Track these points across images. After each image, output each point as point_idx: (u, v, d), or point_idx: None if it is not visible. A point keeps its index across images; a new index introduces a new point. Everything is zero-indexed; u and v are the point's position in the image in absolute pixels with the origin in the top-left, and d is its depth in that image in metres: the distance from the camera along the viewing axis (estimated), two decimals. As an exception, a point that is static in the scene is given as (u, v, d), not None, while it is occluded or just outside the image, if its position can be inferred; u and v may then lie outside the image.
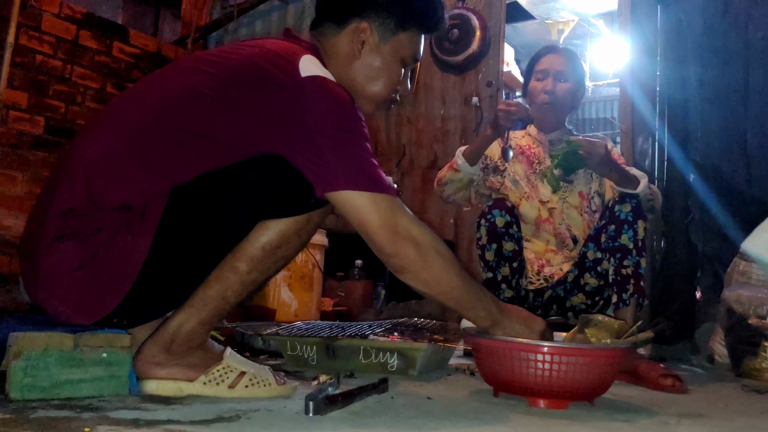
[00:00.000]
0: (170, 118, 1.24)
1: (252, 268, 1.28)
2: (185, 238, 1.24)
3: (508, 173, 2.36)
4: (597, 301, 2.25)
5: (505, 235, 2.10)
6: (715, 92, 3.03)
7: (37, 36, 3.82)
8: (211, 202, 1.24)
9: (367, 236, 1.28)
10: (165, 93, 1.29)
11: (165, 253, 1.22)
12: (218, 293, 1.28)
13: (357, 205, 1.24)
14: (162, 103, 1.27)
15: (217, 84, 1.25)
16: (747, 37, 2.96)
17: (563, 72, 2.33)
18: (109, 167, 1.22)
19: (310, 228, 1.33)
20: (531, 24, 5.98)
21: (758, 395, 1.83)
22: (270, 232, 1.27)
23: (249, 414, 1.16)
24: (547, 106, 2.34)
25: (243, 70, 1.26)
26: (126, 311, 1.26)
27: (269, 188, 1.26)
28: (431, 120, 4.31)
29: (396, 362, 1.75)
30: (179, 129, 1.23)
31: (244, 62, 1.27)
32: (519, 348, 1.37)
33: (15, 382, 1.14)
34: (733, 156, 2.96)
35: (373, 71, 1.44)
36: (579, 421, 1.29)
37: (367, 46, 1.42)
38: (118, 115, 1.31)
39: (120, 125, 1.27)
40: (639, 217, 2.01)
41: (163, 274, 1.24)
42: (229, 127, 1.23)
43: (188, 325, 1.28)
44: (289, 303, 2.93)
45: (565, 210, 2.33)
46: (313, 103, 1.23)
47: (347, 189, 1.23)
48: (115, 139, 1.25)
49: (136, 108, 1.29)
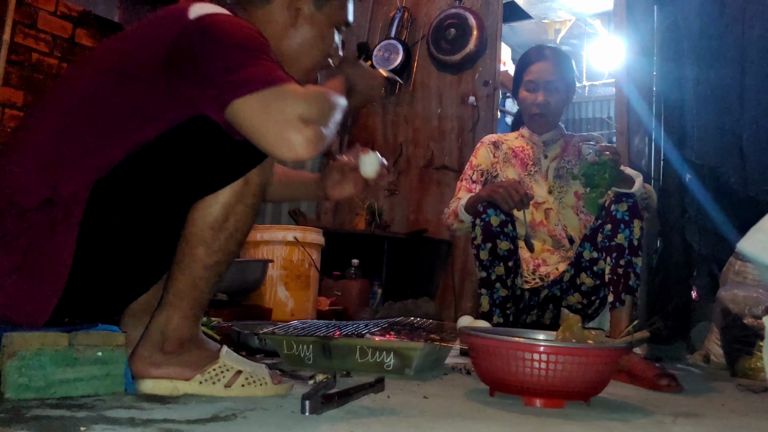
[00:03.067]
0: (79, 104, 1.23)
1: (209, 251, 1.24)
2: (116, 229, 1.21)
3: (500, 179, 2.37)
4: (593, 300, 2.25)
5: (500, 234, 2.11)
6: (711, 92, 3.04)
7: (33, 34, 3.81)
8: (136, 188, 1.20)
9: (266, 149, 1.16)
10: (74, 81, 1.28)
11: (98, 247, 1.19)
12: (187, 284, 1.26)
13: (246, 114, 1.12)
14: (72, 91, 1.26)
15: (118, 57, 1.23)
16: (743, 37, 2.97)
17: (553, 82, 2.35)
18: (31, 167, 1.21)
19: (252, 191, 1.26)
20: (528, 23, 5.98)
21: (753, 395, 1.84)
22: (210, 208, 1.23)
23: (245, 413, 1.16)
24: (540, 117, 2.38)
25: (138, 34, 1.25)
26: (73, 309, 1.24)
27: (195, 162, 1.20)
28: (428, 119, 4.31)
29: (392, 361, 1.75)
30: (87, 113, 1.21)
31: (139, 28, 1.27)
32: (515, 347, 1.38)
33: (10, 382, 1.14)
34: (729, 156, 2.97)
35: (310, 39, 1.42)
36: (575, 420, 1.29)
37: (301, 15, 1.40)
38: (37, 117, 1.29)
39: (39, 125, 1.26)
40: (635, 216, 2.02)
41: (103, 268, 1.22)
42: (132, 96, 1.19)
43: (173, 322, 1.27)
44: (285, 302, 2.93)
45: (561, 210, 2.35)
46: (199, 34, 1.17)
47: (234, 99, 1.12)
48: (35, 139, 1.24)
49: (52, 107, 1.27)
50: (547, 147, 2.43)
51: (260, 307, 2.73)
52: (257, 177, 1.26)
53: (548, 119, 2.40)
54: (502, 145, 2.46)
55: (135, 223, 1.22)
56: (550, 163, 2.41)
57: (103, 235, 1.20)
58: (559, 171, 2.39)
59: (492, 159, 2.43)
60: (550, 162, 2.41)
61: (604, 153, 1.98)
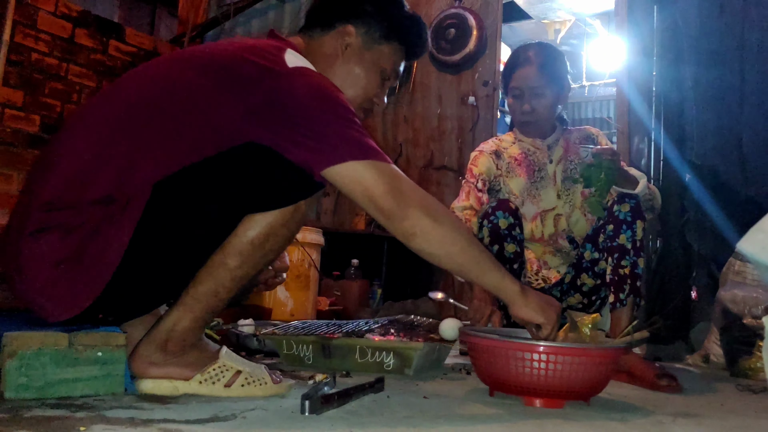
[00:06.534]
0: (152, 110, 1.24)
1: (242, 263, 1.27)
2: (168, 233, 1.23)
3: (503, 193, 2.32)
4: (593, 300, 2.25)
5: (507, 237, 2.09)
6: (711, 92, 3.04)
7: (33, 34, 3.80)
8: (195, 196, 1.23)
9: (374, 204, 1.26)
10: (147, 86, 1.29)
11: (147, 247, 1.21)
12: (210, 290, 1.27)
13: (360, 175, 1.24)
14: (144, 96, 1.27)
15: (201, 76, 1.25)
16: (743, 37, 2.97)
17: (538, 87, 2.23)
18: (92, 160, 1.21)
19: (297, 218, 1.31)
20: (528, 24, 5.99)
21: (753, 395, 1.84)
22: (258, 225, 1.26)
23: (245, 413, 1.16)
24: (528, 125, 2.32)
25: (230, 61, 1.27)
26: (110, 307, 1.25)
27: (254, 181, 1.25)
28: (428, 119, 4.31)
29: (392, 361, 1.75)
30: (162, 120, 1.23)
31: (230, 55, 1.28)
32: (515, 347, 1.38)
33: (10, 382, 1.14)
34: (729, 156, 2.97)
35: (352, 75, 1.48)
36: (574, 420, 1.29)
37: (350, 49, 1.47)
38: (100, 109, 1.30)
39: (102, 118, 1.27)
40: (638, 217, 2.01)
41: (147, 268, 1.23)
42: (215, 117, 1.23)
43: (182, 323, 1.28)
44: (285, 302, 2.93)
45: (571, 213, 2.31)
46: (303, 89, 1.24)
47: (348, 161, 1.23)
48: (97, 132, 1.25)
49: (118, 101, 1.29)
50: (550, 150, 2.36)
51: (260, 308, 2.73)
52: (305, 207, 1.31)
53: (539, 124, 2.31)
54: (503, 154, 2.36)
55: (187, 228, 1.24)
56: (556, 167, 2.34)
57: (155, 237, 1.21)
58: (565, 173, 2.33)
59: (495, 171, 2.33)
60: (556, 166, 2.34)
61: (601, 154, 1.95)
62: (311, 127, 1.23)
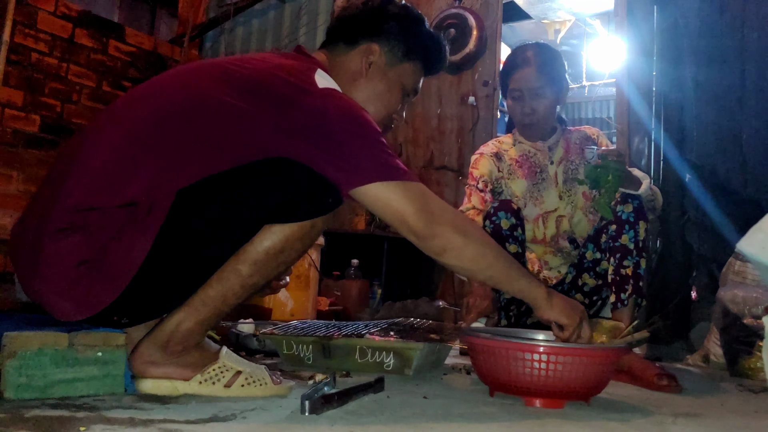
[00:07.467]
0: (181, 121, 1.25)
1: (254, 272, 1.28)
2: (189, 239, 1.24)
3: (506, 195, 2.31)
4: (595, 300, 2.25)
5: (509, 238, 2.09)
6: (711, 93, 3.05)
7: (33, 34, 3.81)
8: (218, 205, 1.24)
9: (404, 223, 1.29)
10: (177, 95, 1.30)
11: (168, 252, 1.22)
12: (219, 294, 1.28)
13: (389, 195, 1.27)
14: (174, 106, 1.28)
15: (232, 90, 1.26)
16: (743, 37, 2.98)
17: (537, 88, 2.22)
18: (119, 165, 1.22)
19: (313, 234, 1.33)
20: (528, 24, 5.98)
21: (753, 395, 1.84)
22: (274, 236, 1.28)
23: (245, 413, 1.16)
24: (529, 127, 2.31)
25: (261, 78, 1.29)
26: (126, 309, 1.26)
27: (276, 193, 1.26)
28: (428, 119, 4.31)
29: (392, 361, 1.75)
30: (190, 131, 1.24)
31: (261, 72, 1.30)
32: (515, 348, 1.38)
33: (10, 382, 1.14)
34: (729, 156, 2.97)
35: (376, 92, 1.51)
36: (575, 420, 1.29)
37: (374, 67, 1.51)
38: (128, 114, 1.30)
39: (131, 124, 1.27)
40: (640, 217, 2.01)
41: (166, 272, 1.24)
42: (247, 133, 1.25)
43: (186, 324, 1.28)
44: (285, 302, 2.92)
45: (573, 214, 2.30)
46: (333, 110, 1.27)
47: (377, 181, 1.26)
48: (126, 137, 1.25)
49: (147, 107, 1.29)
50: (551, 152, 2.35)
51: (260, 308, 2.73)
52: (321, 224, 1.33)
53: (540, 126, 2.31)
54: (504, 156, 2.36)
55: (207, 234, 1.25)
56: (557, 168, 2.33)
57: (176, 242, 1.22)
58: (566, 174, 2.33)
59: (497, 173, 2.33)
60: (557, 167, 2.33)
61: (608, 155, 1.95)
62: (342, 147, 1.25)
